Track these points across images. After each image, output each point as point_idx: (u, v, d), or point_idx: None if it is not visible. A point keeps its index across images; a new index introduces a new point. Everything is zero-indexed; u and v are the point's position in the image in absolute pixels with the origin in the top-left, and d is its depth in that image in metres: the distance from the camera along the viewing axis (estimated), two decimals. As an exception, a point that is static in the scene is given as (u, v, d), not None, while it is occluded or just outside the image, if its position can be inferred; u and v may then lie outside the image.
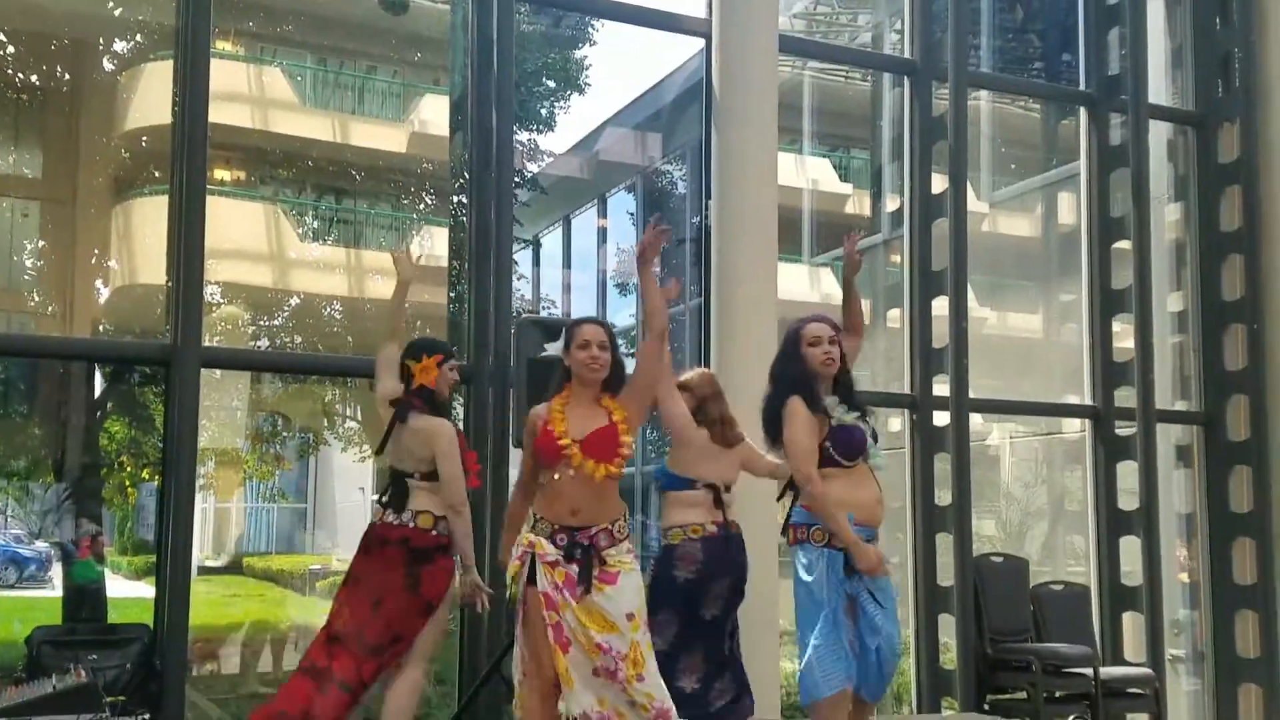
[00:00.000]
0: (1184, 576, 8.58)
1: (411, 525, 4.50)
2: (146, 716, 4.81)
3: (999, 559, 7.53)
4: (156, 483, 6.20)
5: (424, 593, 4.46)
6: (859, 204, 10.62)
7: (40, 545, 10.29)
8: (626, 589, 4.11)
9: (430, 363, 4.64)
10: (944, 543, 7.39)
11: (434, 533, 4.51)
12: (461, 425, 6.71)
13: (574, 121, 10.55)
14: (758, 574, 5.79)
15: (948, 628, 7.31)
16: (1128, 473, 7.99)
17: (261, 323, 9.97)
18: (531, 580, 4.12)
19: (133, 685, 5.19)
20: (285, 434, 10.79)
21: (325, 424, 11.07)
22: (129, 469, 9.13)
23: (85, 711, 4.41)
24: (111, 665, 5.19)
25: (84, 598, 7.11)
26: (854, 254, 4.87)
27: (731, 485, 4.92)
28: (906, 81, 7.86)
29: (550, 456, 4.13)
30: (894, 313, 8.09)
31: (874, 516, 4.62)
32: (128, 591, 8.83)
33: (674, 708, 4.13)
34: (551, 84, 10.35)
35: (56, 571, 8.42)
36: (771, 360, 4.81)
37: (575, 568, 4.07)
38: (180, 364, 5.74)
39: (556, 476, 4.13)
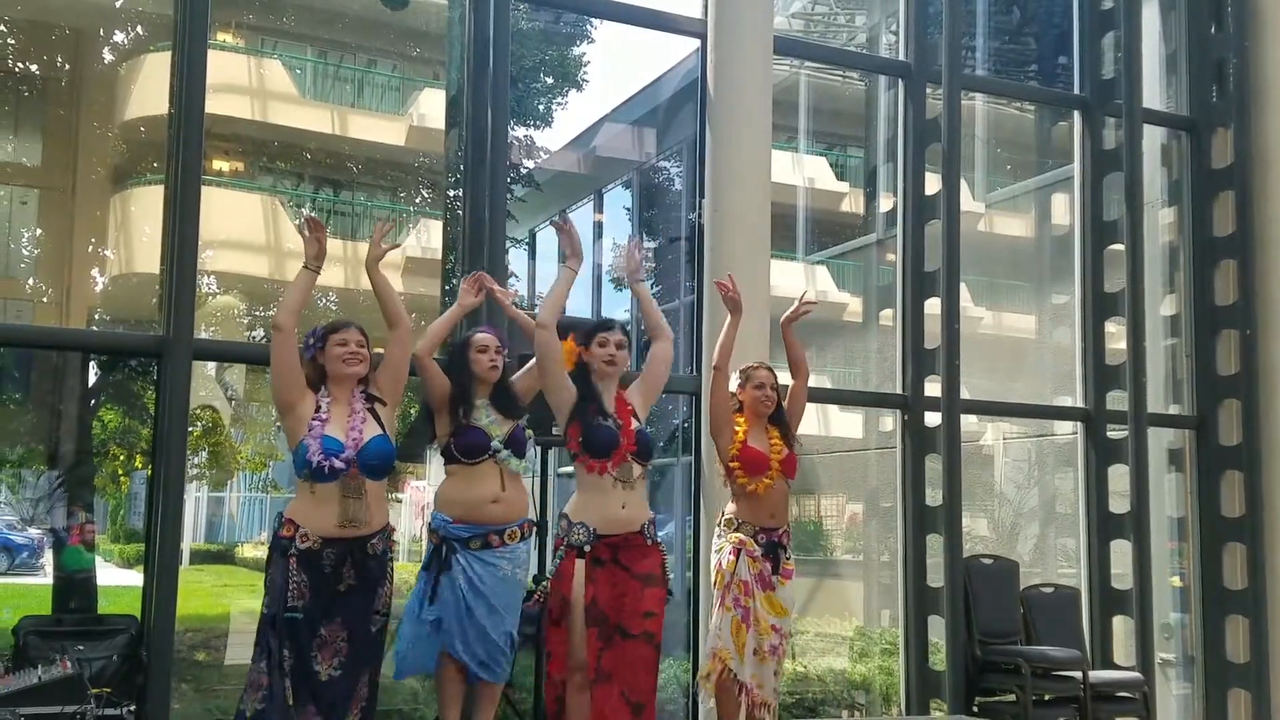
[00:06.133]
0: (1175, 580, 8.60)
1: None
2: (132, 708, 4.80)
3: (989, 560, 7.54)
4: (148, 472, 6.20)
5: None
6: (855, 202, 10.60)
7: (33, 532, 10.29)
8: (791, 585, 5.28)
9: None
10: (934, 544, 7.40)
11: None
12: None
13: (571, 117, 10.52)
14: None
15: (937, 629, 7.33)
16: (1119, 476, 8.00)
17: (258, 312, 9.96)
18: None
19: (119, 677, 5.20)
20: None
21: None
22: (122, 457, 9.11)
23: (70, 703, 4.41)
24: (98, 656, 5.19)
25: (73, 585, 7.10)
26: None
27: None
28: (900, 84, 7.86)
29: (760, 470, 5.16)
30: (886, 313, 8.09)
31: (482, 515, 4.63)
32: (120, 580, 8.83)
33: None
34: (550, 80, 10.33)
35: (50, 559, 8.42)
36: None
37: (768, 564, 5.11)
38: (172, 356, 5.75)
39: (758, 489, 5.15)
